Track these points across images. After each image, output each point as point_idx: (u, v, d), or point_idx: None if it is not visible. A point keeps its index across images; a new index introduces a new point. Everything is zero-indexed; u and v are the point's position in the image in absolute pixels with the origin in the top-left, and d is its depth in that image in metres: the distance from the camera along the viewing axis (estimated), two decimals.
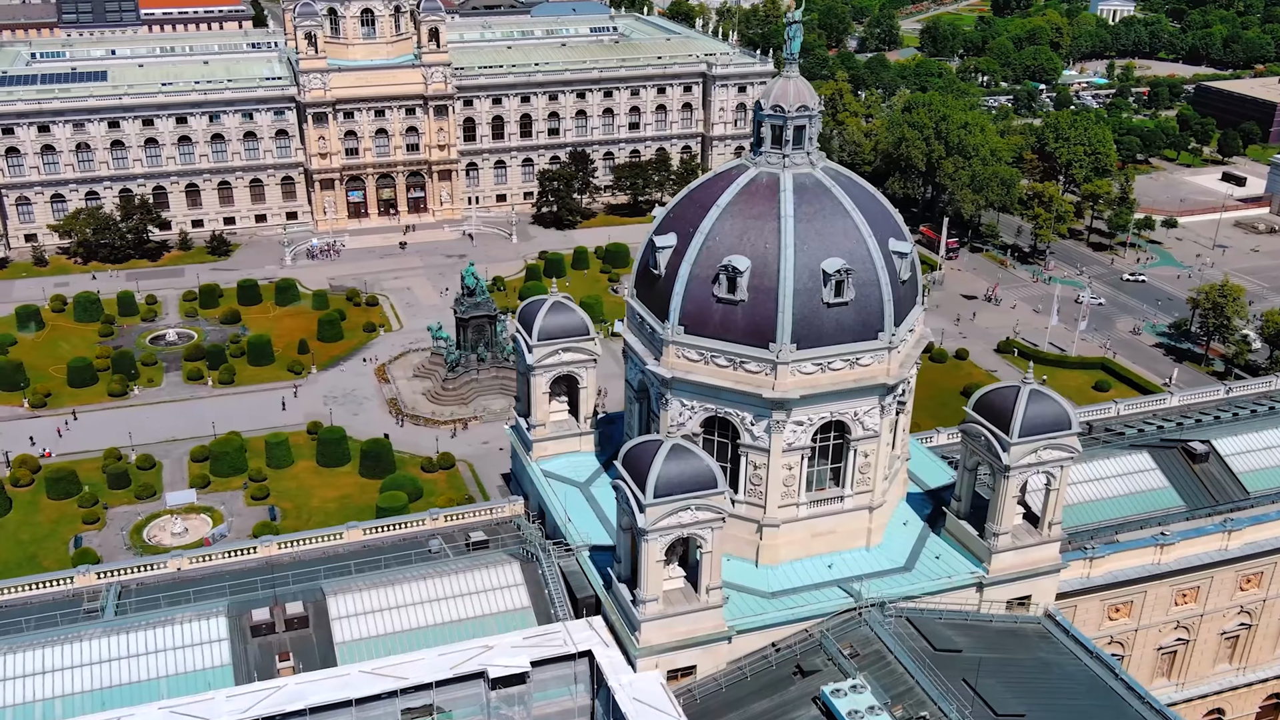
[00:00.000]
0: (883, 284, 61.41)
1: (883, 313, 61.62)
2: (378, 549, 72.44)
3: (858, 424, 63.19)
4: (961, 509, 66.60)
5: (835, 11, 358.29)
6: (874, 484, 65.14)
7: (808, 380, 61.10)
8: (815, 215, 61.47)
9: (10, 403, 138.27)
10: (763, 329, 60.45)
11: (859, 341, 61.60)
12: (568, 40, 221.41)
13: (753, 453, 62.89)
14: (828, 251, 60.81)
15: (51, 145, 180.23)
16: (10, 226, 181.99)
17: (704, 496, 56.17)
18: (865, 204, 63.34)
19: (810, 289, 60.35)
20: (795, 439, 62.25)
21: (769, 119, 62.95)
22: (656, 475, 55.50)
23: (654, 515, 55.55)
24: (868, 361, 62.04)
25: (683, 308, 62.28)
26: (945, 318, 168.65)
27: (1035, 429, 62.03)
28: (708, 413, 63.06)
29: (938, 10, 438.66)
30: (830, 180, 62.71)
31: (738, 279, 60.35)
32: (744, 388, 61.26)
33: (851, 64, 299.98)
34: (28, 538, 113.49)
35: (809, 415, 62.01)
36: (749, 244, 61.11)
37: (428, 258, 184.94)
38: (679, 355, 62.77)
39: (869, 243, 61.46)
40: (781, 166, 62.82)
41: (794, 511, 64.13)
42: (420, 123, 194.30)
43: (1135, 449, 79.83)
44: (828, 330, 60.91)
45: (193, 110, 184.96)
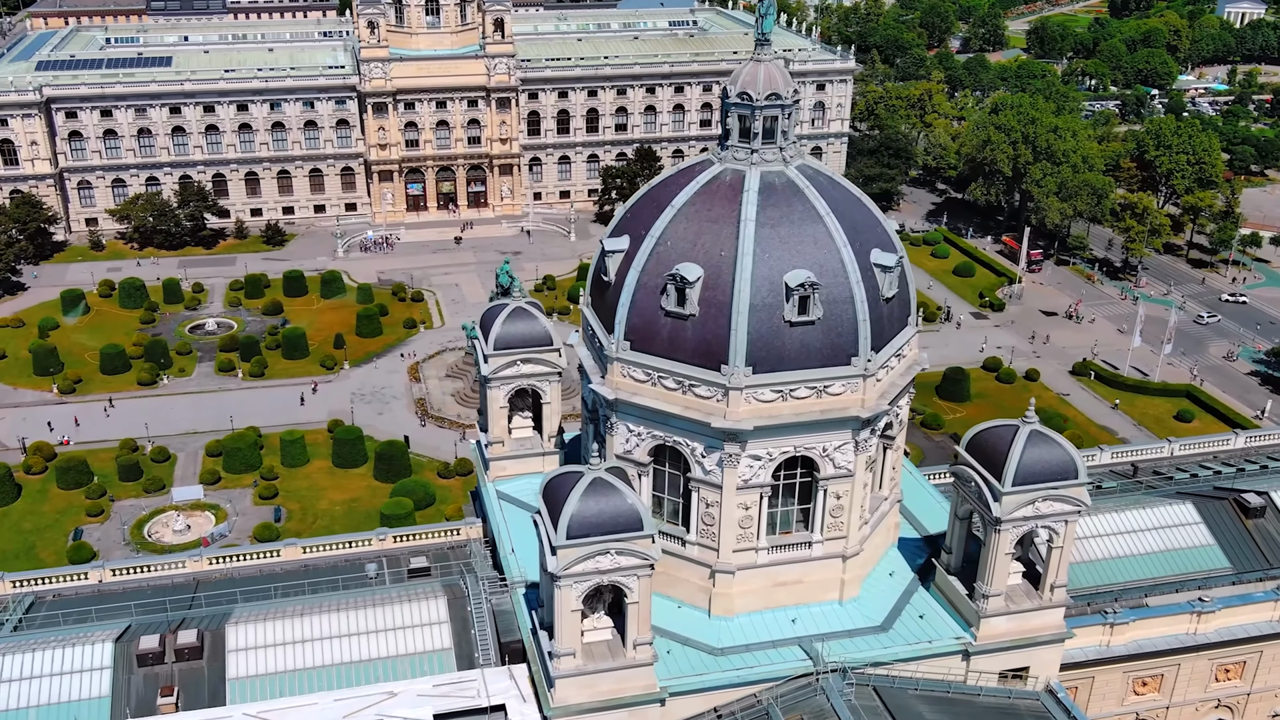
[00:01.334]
0: (857, 301, 53.07)
1: (856, 334, 53.29)
2: (316, 570, 66.68)
3: (827, 461, 54.97)
4: (952, 563, 57.85)
5: (938, 10, 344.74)
6: (848, 529, 56.79)
7: (765, 409, 53.13)
8: (781, 220, 53.46)
9: (41, 387, 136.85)
10: (714, 349, 52.68)
11: (827, 367, 53.39)
12: (643, 33, 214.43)
13: (704, 488, 55.16)
14: (793, 262, 52.76)
15: (114, 130, 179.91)
16: (71, 210, 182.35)
17: (626, 540, 48.75)
18: (845, 209, 55.06)
19: (770, 305, 52.37)
20: (753, 475, 54.31)
21: (735, 108, 55.08)
22: (570, 514, 48.28)
23: (566, 559, 48.35)
24: (838, 390, 53.78)
25: (628, 321, 54.87)
26: (1019, 335, 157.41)
27: (1033, 477, 53.07)
28: (656, 440, 55.51)
29: (1052, 11, 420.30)
30: (804, 181, 54.59)
31: (687, 290, 52.68)
32: (692, 414, 53.58)
33: (950, 64, 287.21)
34: (30, 527, 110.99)
35: (768, 449, 54.02)
36: (703, 251, 53.40)
37: (481, 254, 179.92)
38: (624, 374, 55.36)
39: (843, 253, 53.20)
40: (749, 163, 54.95)
41: (752, 557, 56.17)
42: (482, 115, 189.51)
43: (1179, 498, 69.68)
44: (790, 353, 52.85)
45: (253, 98, 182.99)
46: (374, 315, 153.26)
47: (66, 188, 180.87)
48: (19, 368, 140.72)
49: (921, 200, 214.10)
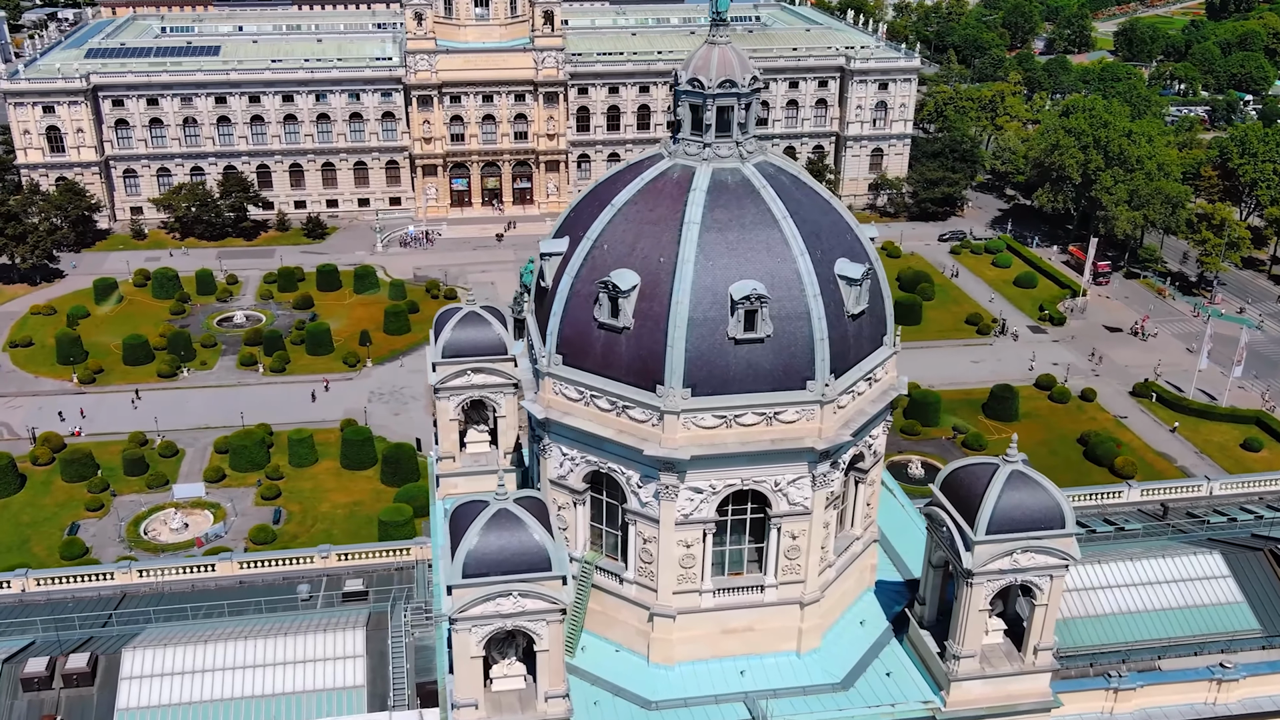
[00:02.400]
0: (814, 317, 46.69)
1: (813, 355, 46.91)
2: (252, 588, 62.27)
3: (780, 497, 48.66)
4: (925, 615, 51.10)
5: (1022, 9, 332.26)
6: (806, 573, 50.37)
7: (707, 436, 47.02)
8: (731, 223, 47.30)
9: (62, 377, 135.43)
10: (650, 366, 46.72)
11: (778, 391, 47.08)
12: (700, 29, 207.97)
13: (641, 522, 49.22)
14: (740, 271, 46.58)
15: (159, 119, 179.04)
16: (116, 198, 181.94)
17: (532, 581, 43.15)
18: (807, 213, 48.70)
19: (713, 319, 46.25)
20: (694, 509, 48.22)
21: (685, 97, 49.06)
22: (467, 550, 42.86)
23: (461, 600, 42.91)
24: (791, 418, 47.44)
25: (561, 332, 49.17)
26: (1079, 351, 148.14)
27: (1011, 525, 46.26)
28: (590, 466, 49.71)
29: (1146, 13, 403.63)
30: (761, 180, 48.36)
31: (620, 300, 46.78)
32: (625, 440, 47.66)
33: (1029, 66, 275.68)
34: (28, 520, 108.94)
35: (711, 481, 47.88)
36: (640, 256, 47.46)
37: (521, 252, 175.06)
38: (556, 391, 49.66)
39: (799, 263, 46.87)
40: (700, 159, 48.89)
41: (695, 600, 50.06)
42: (529, 110, 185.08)
43: (1207, 546, 61.82)
44: (735, 374, 46.68)
45: (299, 89, 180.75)
46: (403, 312, 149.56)
47: (112, 176, 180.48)
48: (43, 356, 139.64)
49: (988, 206, 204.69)
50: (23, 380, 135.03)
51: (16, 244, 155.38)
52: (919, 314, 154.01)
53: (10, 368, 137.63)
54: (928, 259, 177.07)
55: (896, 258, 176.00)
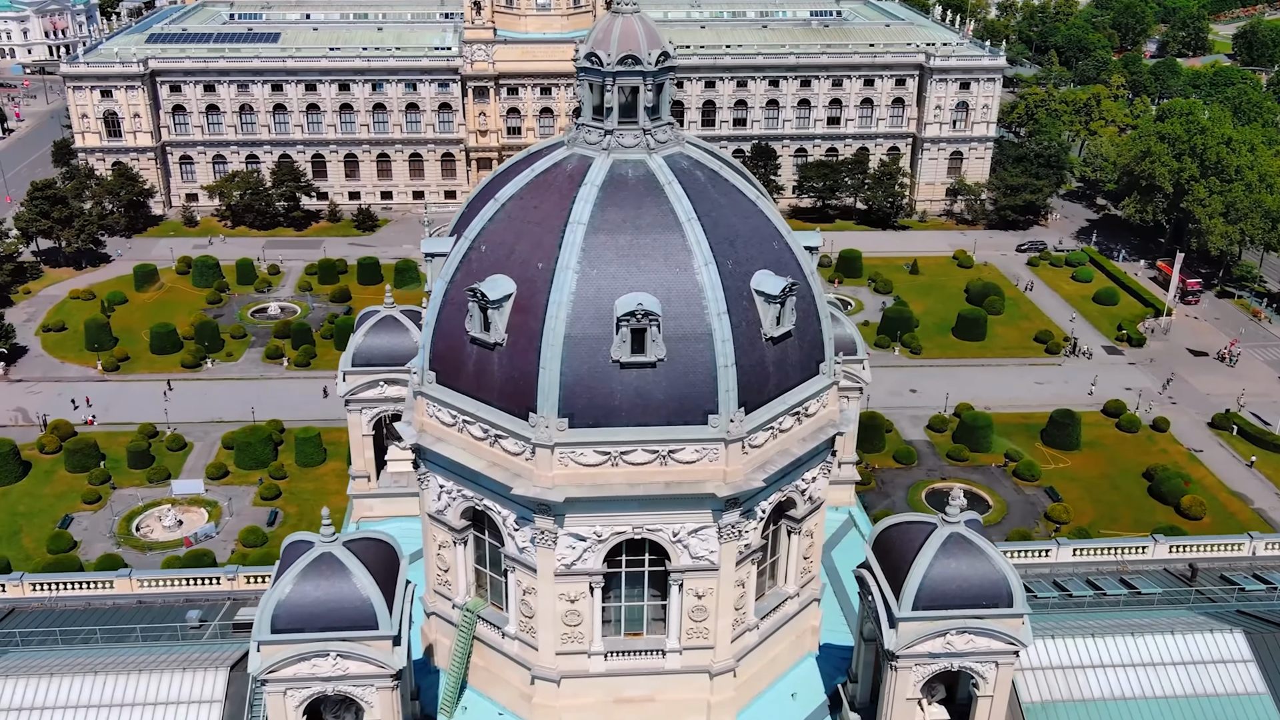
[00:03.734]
0: (718, 339, 39.18)
1: (715, 384, 39.39)
2: (148, 609, 57.02)
3: (680, 549, 41.24)
4: (858, 695, 43.17)
5: (1134, 10, 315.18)
6: (715, 638, 42.85)
7: (588, 475, 39.88)
8: (624, 225, 40.04)
9: (88, 363, 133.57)
10: (523, 390, 39.77)
11: (674, 425, 39.71)
12: (773, 22, 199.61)
13: (520, 569, 42.30)
14: (630, 281, 39.33)
15: (216, 105, 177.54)
16: (172, 185, 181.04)
17: (352, 641, 36.65)
18: (721, 216, 41.13)
19: (595, 337, 39.08)
20: (577, 559, 41.11)
21: (585, 75, 41.87)
22: (277, 601, 36.63)
23: (271, 658, 36.57)
24: (689, 457, 40.02)
25: (434, 345, 42.51)
26: (1156, 375, 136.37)
27: (944, 600, 38.23)
28: (467, 502, 42.95)
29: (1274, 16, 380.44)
30: (669, 175, 40.91)
31: (491, 311, 39.91)
32: (496, 474, 40.80)
33: (1136, 68, 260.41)
34: (25, 510, 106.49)
35: (595, 527, 40.73)
36: (519, 260, 40.54)
37: None
38: (430, 413, 43.02)
39: (702, 274, 39.39)
40: (600, 148, 41.68)
41: (583, 663, 42.92)
42: None
43: (1230, 622, 52.40)
44: (622, 403, 39.45)
45: (355, 77, 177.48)
46: None
47: (168, 162, 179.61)
48: (73, 341, 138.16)
49: (1075, 216, 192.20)
50: (48, 365, 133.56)
51: (63, 227, 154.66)
52: (983, 329, 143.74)
53: (39, 352, 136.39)
54: (1002, 270, 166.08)
55: (967, 268, 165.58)
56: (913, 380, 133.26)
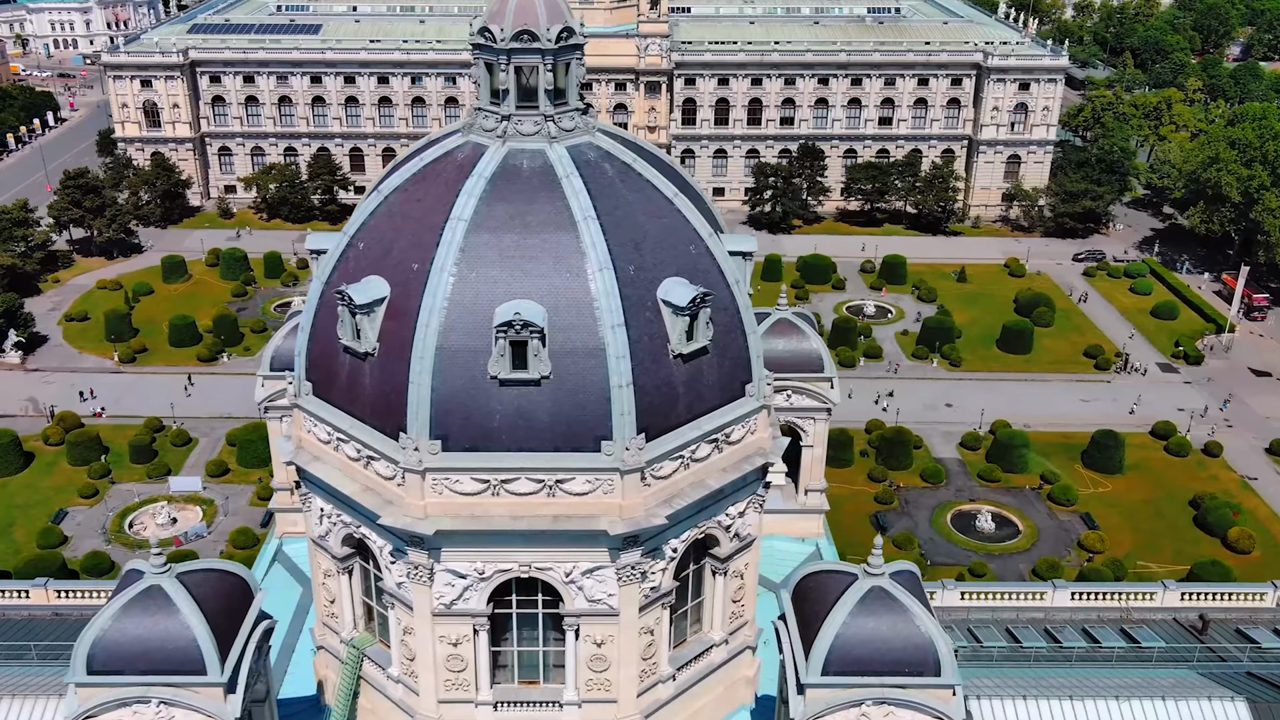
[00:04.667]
0: (612, 355, 34.32)
1: (609, 406, 34.51)
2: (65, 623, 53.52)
3: (574, 591, 36.45)
4: None
5: (1218, 11, 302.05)
6: (618, 689, 37.96)
7: (466, 504, 35.28)
8: (511, 222, 35.36)
9: (105, 354, 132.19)
10: (394, 407, 35.30)
11: (563, 452, 34.92)
12: (825, 18, 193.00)
13: (399, 606, 37.86)
14: (513, 288, 34.65)
15: (255, 97, 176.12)
16: (210, 176, 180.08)
17: (177, 687, 32.42)
18: (628, 214, 36.24)
19: (473, 350, 34.47)
20: (457, 598, 36.54)
21: (479, 53, 37.19)
22: (93, 639, 32.49)
23: (86, 702, 32.58)
24: (580, 488, 35.21)
25: (309, 352, 38.30)
26: (1213, 395, 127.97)
27: (859, 665, 32.98)
28: (346, 528, 38.58)
29: None
30: (569, 166, 36.12)
31: (360, 317, 35.49)
32: (367, 502, 36.37)
33: (1215, 71, 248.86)
34: (22, 502, 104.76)
35: (477, 564, 36.11)
36: (395, 260, 36.10)
37: None
38: (308, 428, 38.75)
39: (596, 280, 34.57)
40: (495, 135, 37.01)
41: (469, 712, 38.33)
42: (630, 100, 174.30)
43: (1234, 688, 46.06)
44: (501, 425, 34.79)
45: (394, 70, 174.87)
46: None
47: (207, 152, 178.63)
48: (95, 332, 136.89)
49: (1139, 225, 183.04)
50: (66, 355, 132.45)
51: (94, 216, 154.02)
52: (1029, 342, 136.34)
53: (59, 341, 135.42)
54: (1055, 280, 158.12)
55: (1019, 277, 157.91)
56: (949, 394, 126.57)
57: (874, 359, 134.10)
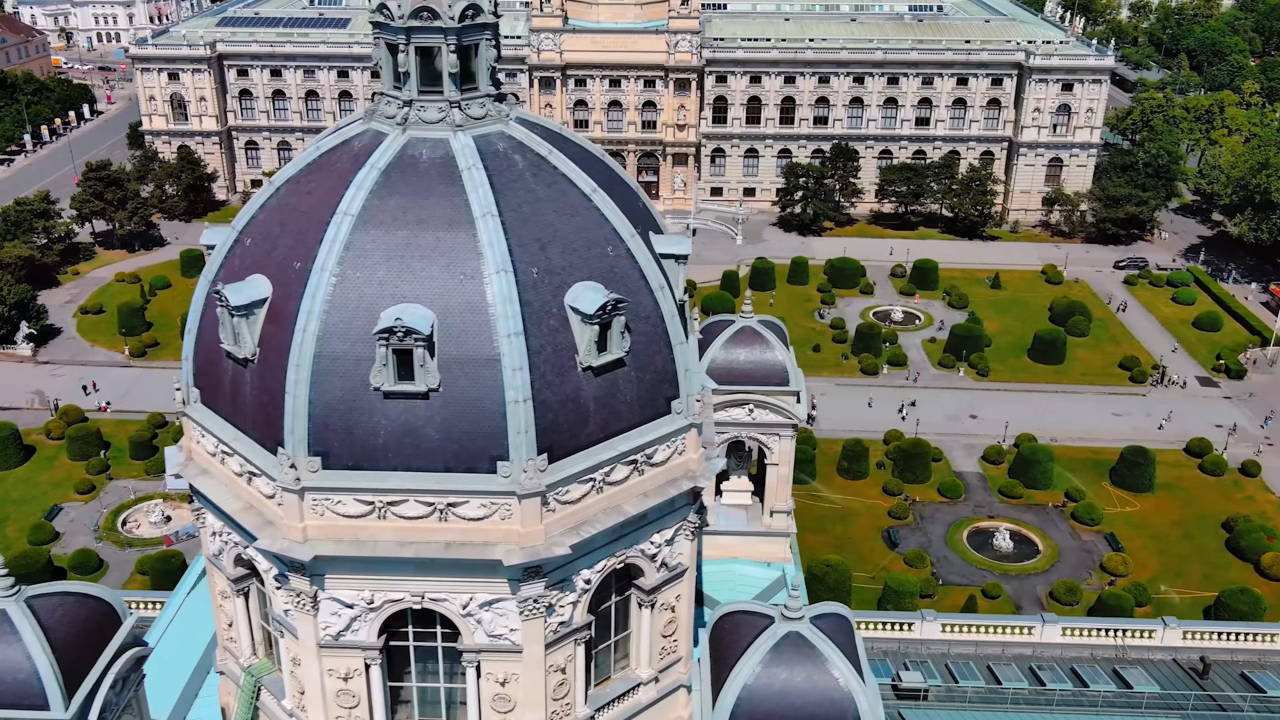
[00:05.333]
0: (508, 366, 30.95)
1: (504, 424, 31.13)
2: None
3: (473, 624, 33.17)
4: None
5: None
6: None
7: (350, 527, 32.10)
8: (403, 218, 32.11)
9: (116, 348, 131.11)
10: (272, 419, 32.19)
11: (455, 472, 31.62)
12: (870, 16, 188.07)
13: (287, 636, 34.74)
14: (402, 290, 31.39)
15: (282, 91, 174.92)
16: (237, 169, 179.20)
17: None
18: (534, 211, 32.83)
19: (356, 357, 31.26)
20: (345, 629, 33.37)
21: (380, 33, 33.93)
22: None
23: None
24: (475, 513, 31.90)
25: (196, 356, 35.32)
26: (1254, 411, 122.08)
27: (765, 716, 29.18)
28: (237, 548, 35.57)
29: None
30: (473, 158, 32.77)
31: (239, 320, 32.44)
32: (248, 522, 33.36)
33: (1275, 74, 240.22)
34: (18, 496, 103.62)
35: (364, 593, 32.91)
36: (279, 257, 33.02)
37: None
38: (198, 438, 35.81)
39: (492, 283, 31.23)
40: (396, 123, 33.78)
41: None
42: (659, 97, 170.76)
43: None
44: (388, 441, 31.55)
45: None
46: None
47: (234, 146, 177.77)
48: (108, 325, 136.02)
49: (1186, 232, 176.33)
50: (78, 348, 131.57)
51: (116, 209, 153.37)
52: (1062, 352, 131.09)
53: (72, 334, 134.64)
54: (1094, 288, 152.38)
55: (1056, 284, 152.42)
56: (974, 404, 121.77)
57: (898, 366, 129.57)
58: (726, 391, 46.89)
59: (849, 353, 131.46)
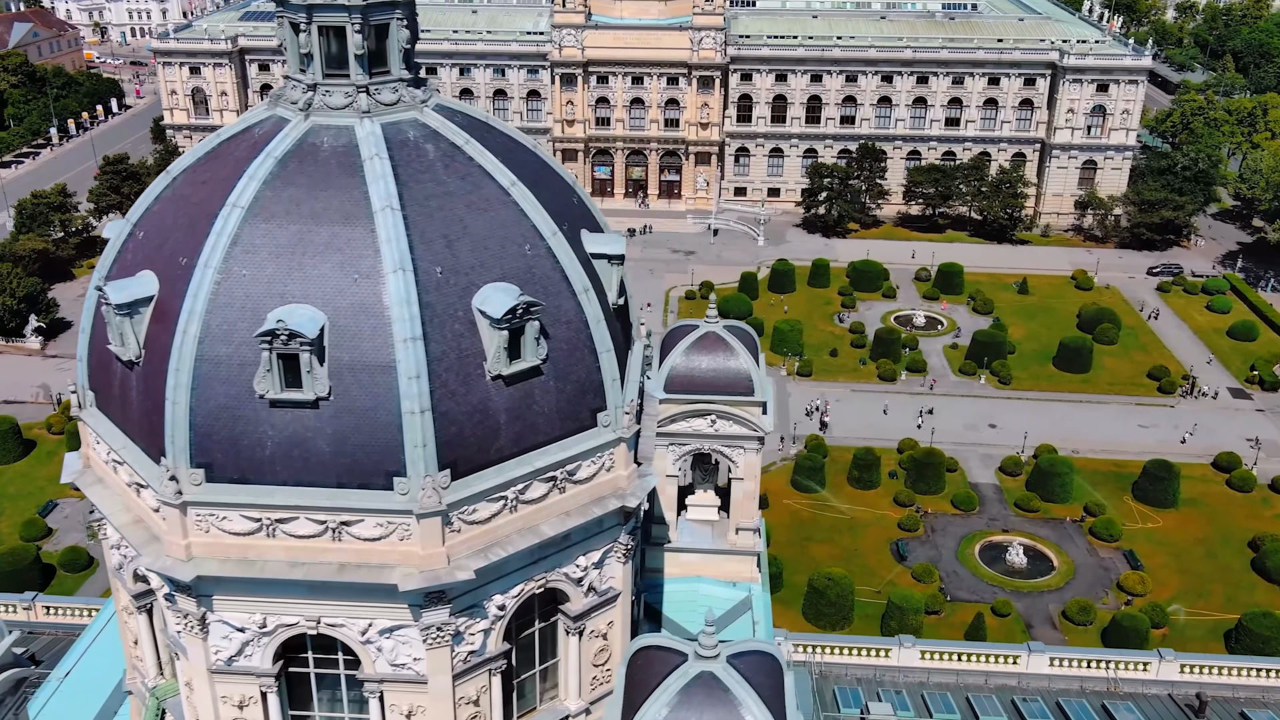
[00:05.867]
0: (403, 374, 28.35)
1: (401, 437, 28.55)
2: None
3: (373, 652, 30.62)
4: None
5: None
6: None
7: (238, 545, 29.64)
8: (297, 211, 29.63)
9: None
10: (156, 426, 29.77)
11: (348, 488, 29.06)
12: (901, 14, 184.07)
13: (181, 658, 32.36)
14: (292, 289, 28.88)
15: None
16: None
17: None
18: (443, 204, 30.23)
19: (240, 362, 28.79)
20: (237, 654, 30.93)
21: (283, 11, 31.43)
22: None
23: None
24: (370, 532, 29.34)
25: (89, 358, 33.06)
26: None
27: None
28: (134, 561, 33.26)
29: None
30: (377, 147, 30.19)
31: (121, 319, 30.12)
32: (134, 537, 31.08)
33: None
34: (15, 491, 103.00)
35: (256, 616, 30.44)
36: (168, 252, 30.62)
37: (650, 250, 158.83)
38: (94, 444, 33.60)
39: (389, 283, 28.66)
40: (299, 108, 31.30)
41: None
42: (682, 95, 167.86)
43: None
44: (275, 452, 29.06)
45: (442, 61, 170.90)
46: None
47: None
48: None
49: (1224, 238, 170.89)
50: None
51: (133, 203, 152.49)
52: (1088, 360, 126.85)
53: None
54: (1125, 295, 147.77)
55: (1086, 290, 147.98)
56: (994, 414, 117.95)
57: (917, 373, 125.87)
58: (686, 401, 44.13)
59: (866, 358, 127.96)
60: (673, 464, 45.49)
